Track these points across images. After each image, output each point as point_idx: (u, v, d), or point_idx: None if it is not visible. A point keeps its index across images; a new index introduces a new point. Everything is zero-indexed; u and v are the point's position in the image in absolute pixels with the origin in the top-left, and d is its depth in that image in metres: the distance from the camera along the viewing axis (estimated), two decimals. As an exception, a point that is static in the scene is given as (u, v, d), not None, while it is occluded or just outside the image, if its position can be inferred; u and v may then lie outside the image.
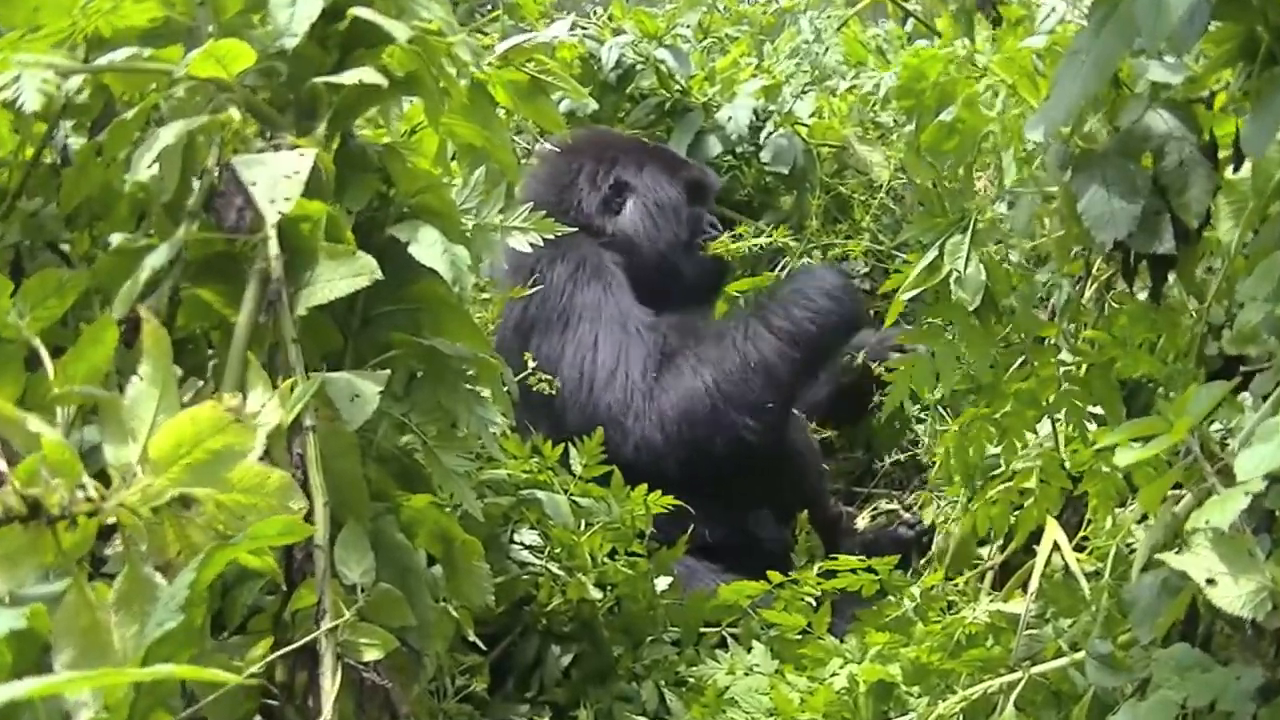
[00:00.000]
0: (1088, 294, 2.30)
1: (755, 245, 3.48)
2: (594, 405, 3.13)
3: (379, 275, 1.72)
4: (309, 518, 1.56)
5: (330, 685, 1.56)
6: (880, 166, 4.04)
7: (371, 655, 1.62)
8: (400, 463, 1.95)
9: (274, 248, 1.71)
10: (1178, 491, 1.79)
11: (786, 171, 4.08)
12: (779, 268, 3.68)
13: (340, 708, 1.56)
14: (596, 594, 2.59)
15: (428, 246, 1.88)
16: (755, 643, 2.62)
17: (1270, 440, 1.43)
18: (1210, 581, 1.48)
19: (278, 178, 1.69)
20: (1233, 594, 1.47)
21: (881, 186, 4.01)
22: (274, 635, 1.64)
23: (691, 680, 2.60)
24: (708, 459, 3.13)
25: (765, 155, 4.10)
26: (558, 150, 3.53)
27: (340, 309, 1.83)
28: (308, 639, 1.58)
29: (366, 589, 1.68)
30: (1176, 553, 1.54)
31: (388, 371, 1.75)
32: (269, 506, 1.46)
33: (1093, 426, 2.23)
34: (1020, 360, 2.21)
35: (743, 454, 3.16)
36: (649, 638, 2.69)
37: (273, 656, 1.58)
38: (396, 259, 1.85)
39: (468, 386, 1.99)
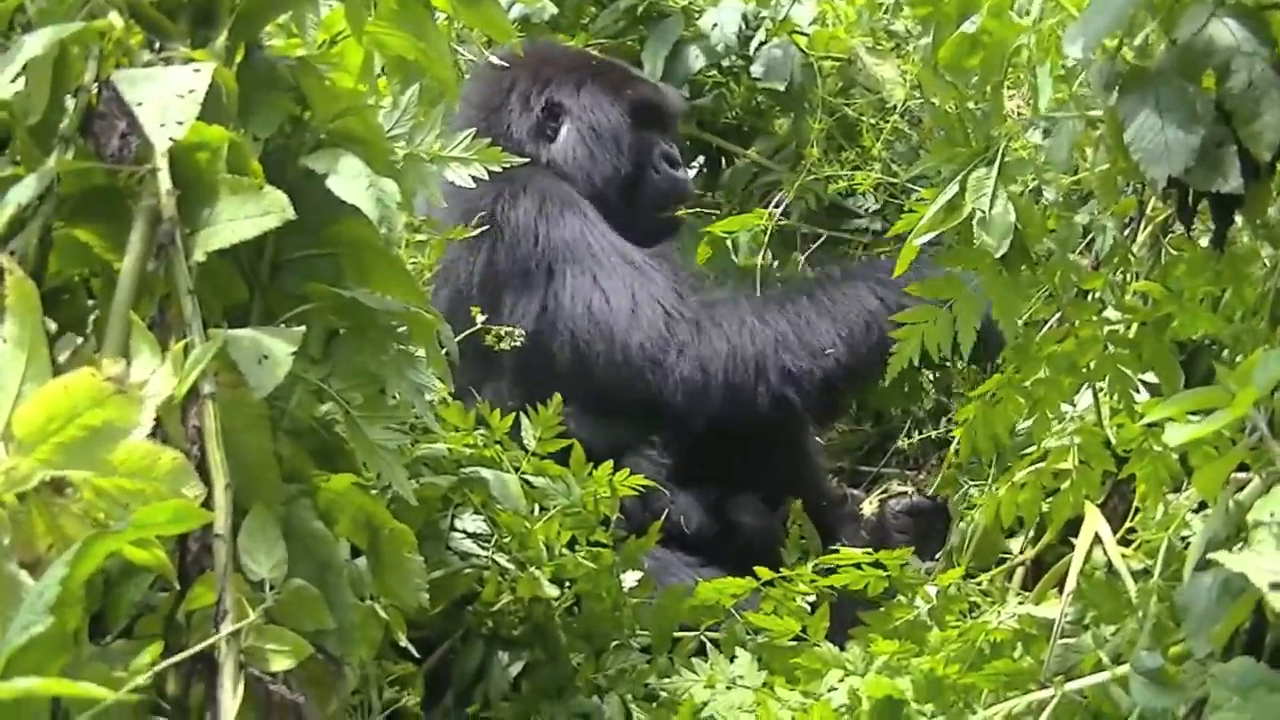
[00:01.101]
0: (1139, 239, 2.31)
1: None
2: (625, 351, 3.14)
3: (291, 214, 1.71)
4: (207, 503, 1.55)
5: (231, 700, 1.55)
6: (893, 84, 4.03)
7: (281, 664, 1.62)
8: (318, 437, 1.95)
9: (165, 181, 1.70)
10: (1241, 476, 1.80)
11: (782, 89, 4.07)
12: (773, 204, 3.68)
13: (243, 727, 1.56)
14: (552, 591, 2.59)
15: (350, 179, 1.87)
16: (739, 650, 2.63)
17: (1353, 416, 1.43)
18: (1276, 585, 1.47)
19: (169, 97, 1.68)
20: (1303, 599, 1.47)
21: (895, 108, 4.00)
22: (165, 640, 1.62)
23: (664, 694, 2.60)
24: (748, 410, 3.16)
25: (757, 69, 4.09)
26: (492, 67, 3.52)
27: (245, 254, 1.82)
28: (205, 644, 1.57)
29: (276, 586, 1.67)
30: (1238, 549, 1.54)
31: (302, 329, 1.74)
32: (158, 492, 1.46)
33: (1142, 397, 2.23)
34: (1056, 317, 2.21)
35: (784, 409, 3.19)
36: (614, 643, 2.69)
37: (163, 665, 1.56)
38: (312, 195, 1.84)
39: (398, 346, 1.99)
